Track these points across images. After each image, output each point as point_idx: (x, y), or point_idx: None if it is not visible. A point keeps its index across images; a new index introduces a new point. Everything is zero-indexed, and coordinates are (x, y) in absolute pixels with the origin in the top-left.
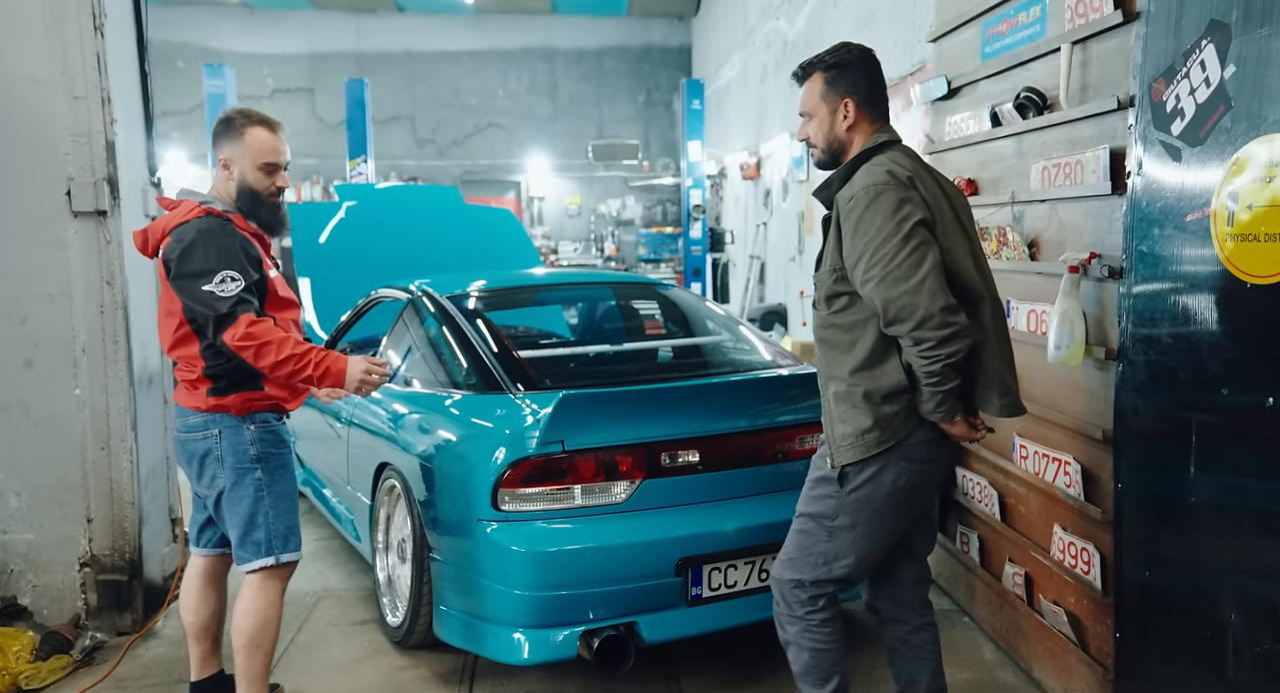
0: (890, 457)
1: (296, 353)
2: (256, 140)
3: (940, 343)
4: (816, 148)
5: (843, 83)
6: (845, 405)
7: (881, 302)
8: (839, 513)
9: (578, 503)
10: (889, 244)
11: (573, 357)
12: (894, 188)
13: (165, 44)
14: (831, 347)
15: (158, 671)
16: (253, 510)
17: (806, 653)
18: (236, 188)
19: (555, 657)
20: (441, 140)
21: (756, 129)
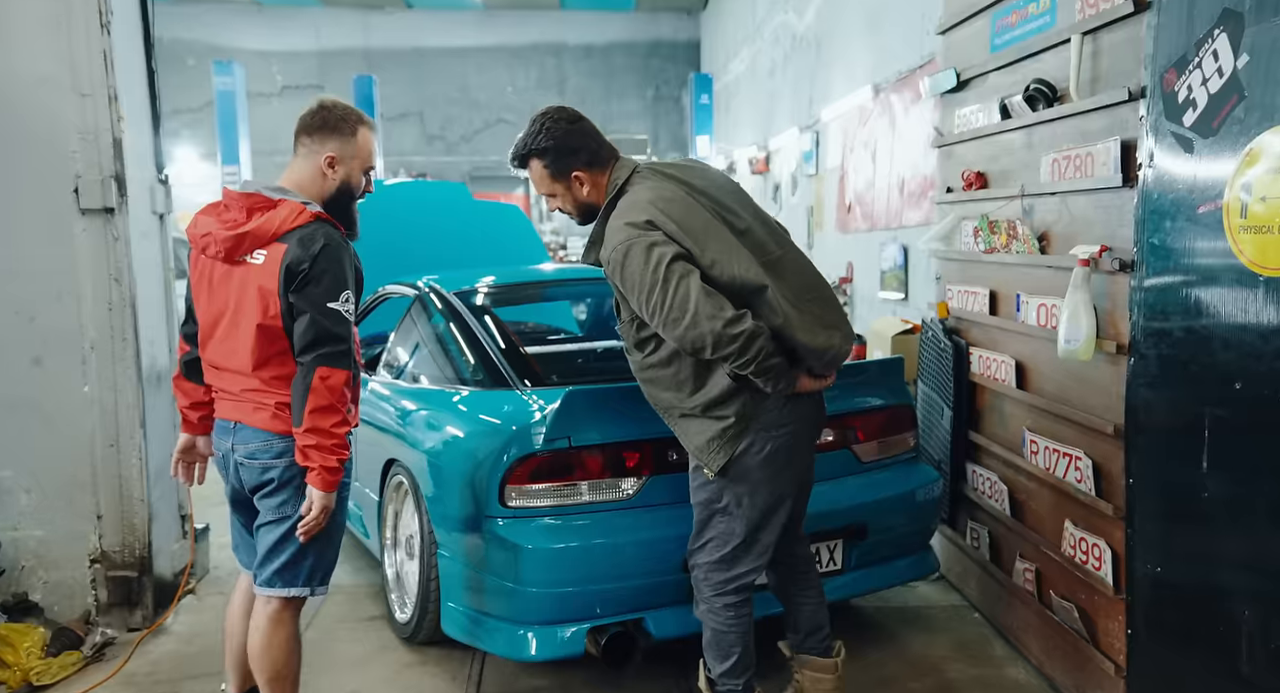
0: (749, 433)
1: (345, 441)
2: (367, 142)
3: (741, 351)
4: (572, 215)
5: (562, 163)
6: (694, 421)
7: (677, 341)
8: (723, 494)
9: (585, 499)
10: (655, 292)
11: (580, 352)
12: (636, 239)
13: (175, 42)
14: (658, 384)
15: (168, 667)
16: (310, 542)
17: (709, 630)
18: (337, 188)
19: (563, 654)
20: (450, 136)
21: (765, 123)
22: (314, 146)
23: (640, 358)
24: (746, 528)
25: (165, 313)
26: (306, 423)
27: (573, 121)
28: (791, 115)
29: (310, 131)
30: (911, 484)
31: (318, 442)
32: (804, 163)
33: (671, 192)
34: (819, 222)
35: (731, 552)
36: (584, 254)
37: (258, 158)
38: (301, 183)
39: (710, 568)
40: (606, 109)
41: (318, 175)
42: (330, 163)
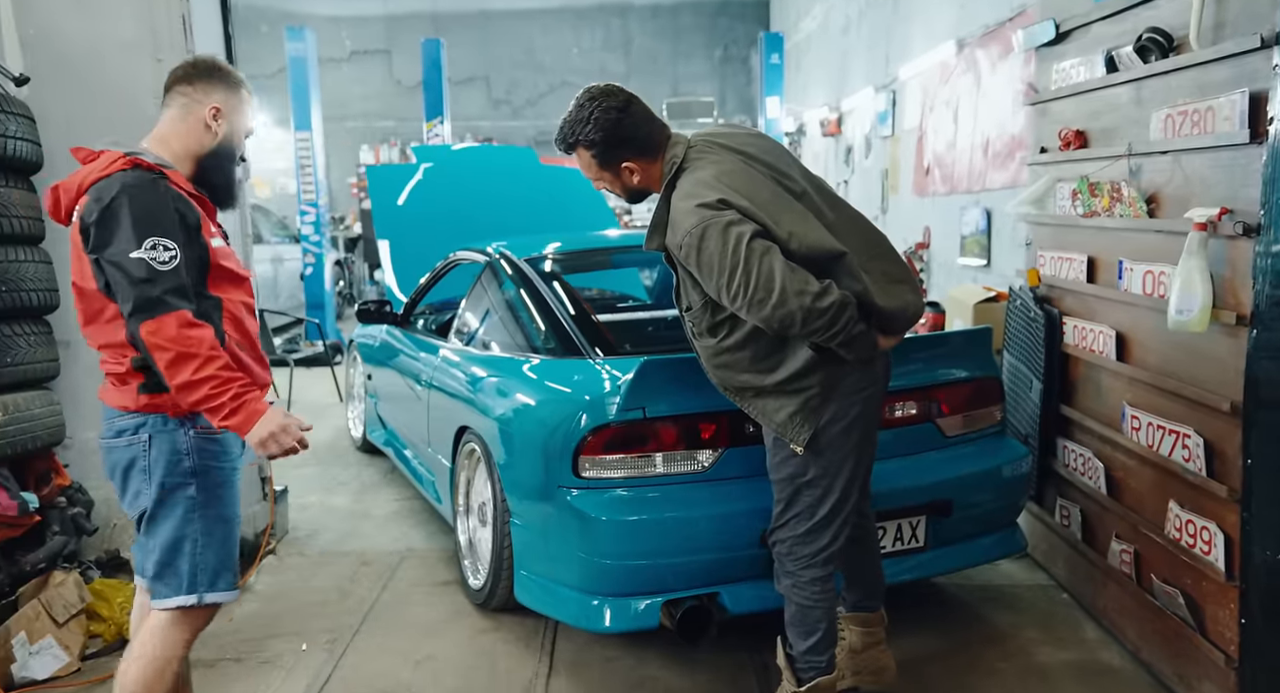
0: (831, 403)
1: (220, 375)
2: (248, 102)
3: (829, 325)
4: (619, 195)
5: (613, 152)
6: (774, 399)
7: (762, 321)
8: (809, 467)
9: (659, 471)
10: (737, 274)
11: (650, 321)
12: (711, 221)
13: (249, 9)
14: (734, 367)
15: (252, 625)
16: (178, 535)
17: (794, 606)
18: (219, 145)
19: (636, 626)
20: (516, 101)
21: (838, 83)
22: (196, 96)
23: (714, 343)
24: (833, 498)
25: None
26: (172, 386)
27: (623, 109)
28: (866, 74)
29: (190, 80)
30: (998, 460)
31: (196, 396)
32: (879, 124)
33: (732, 163)
34: (894, 185)
35: (818, 523)
36: (647, 239)
37: (329, 124)
38: (168, 137)
39: (796, 542)
40: (673, 70)
41: (197, 128)
42: (215, 114)
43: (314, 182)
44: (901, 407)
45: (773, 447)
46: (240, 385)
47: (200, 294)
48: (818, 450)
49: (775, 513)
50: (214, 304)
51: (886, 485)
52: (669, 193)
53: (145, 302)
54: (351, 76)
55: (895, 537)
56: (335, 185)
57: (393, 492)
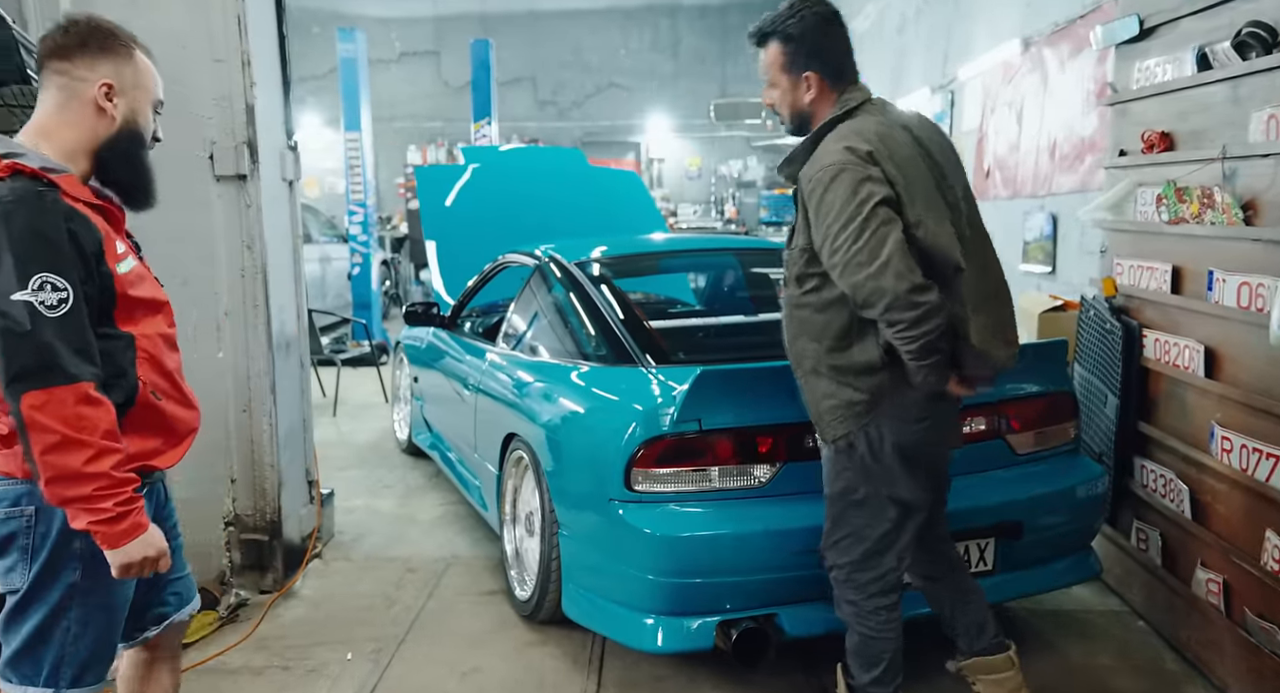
0: (883, 420)
1: (113, 476)
2: (149, 68)
3: (913, 323)
4: (782, 117)
5: (803, 57)
6: (823, 382)
7: (849, 287)
8: (857, 485)
9: (715, 486)
10: (849, 228)
11: (704, 328)
12: (852, 167)
13: (301, 10)
14: (804, 326)
15: (299, 631)
16: (48, 623)
17: (856, 635)
18: (117, 130)
19: (690, 647)
20: (562, 101)
21: (893, 82)
22: (78, 72)
23: (797, 293)
24: (883, 523)
25: (294, 280)
26: (44, 473)
27: (829, 20)
28: (923, 74)
29: (66, 53)
30: (1072, 479)
31: (75, 492)
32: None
33: (900, 136)
34: None
35: (871, 548)
36: (781, 165)
37: (378, 124)
38: (51, 130)
39: (852, 568)
40: (720, 71)
41: (86, 114)
42: (108, 92)
43: (362, 182)
44: (970, 422)
45: (829, 460)
46: (132, 490)
47: (103, 334)
48: (866, 469)
49: (825, 530)
50: (124, 344)
51: (953, 505)
52: (824, 130)
53: (30, 365)
54: (400, 77)
55: (963, 559)
56: (383, 185)
57: (438, 496)
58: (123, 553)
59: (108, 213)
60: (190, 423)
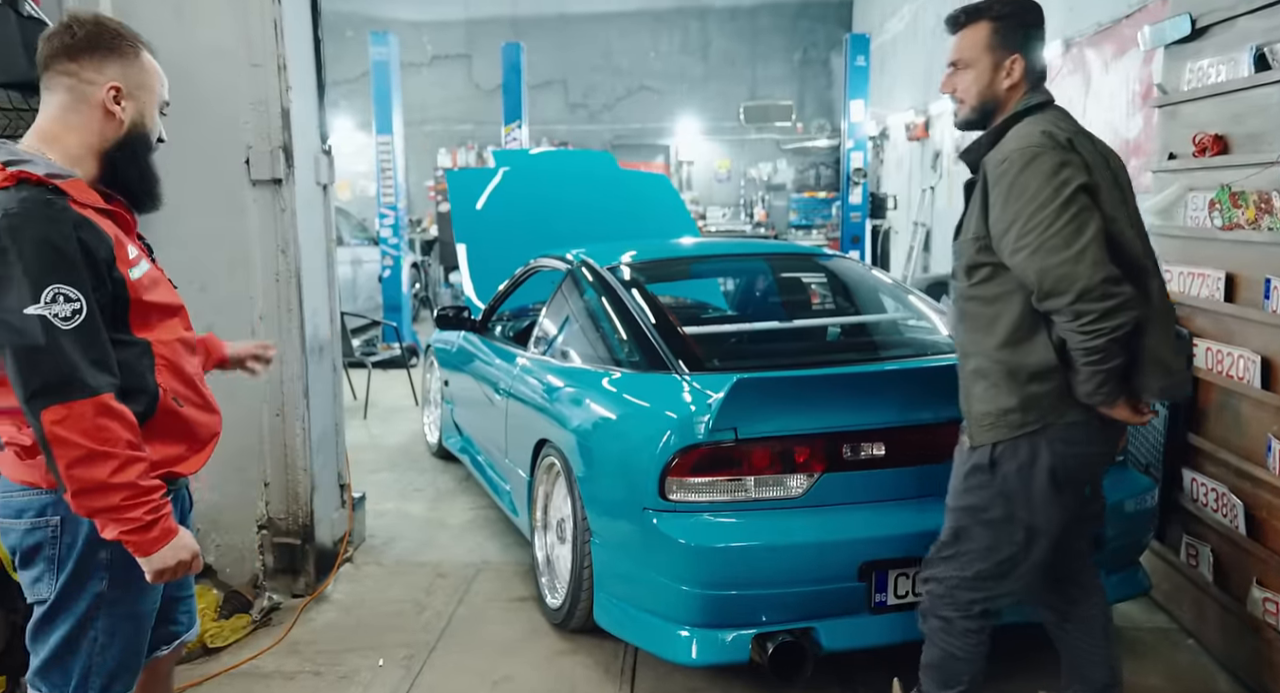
0: (1041, 440)
1: (139, 485)
2: (155, 69)
3: (1103, 316)
4: (965, 103)
5: (1015, 37)
6: (985, 383)
7: (1036, 272)
8: (992, 504)
9: (750, 496)
10: (1045, 210)
11: (737, 334)
12: (1051, 149)
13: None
14: (971, 320)
15: (330, 636)
16: (75, 633)
17: (938, 650)
18: (125, 132)
19: (725, 659)
20: (593, 104)
21: (926, 86)
22: (86, 75)
23: (966, 285)
24: (1009, 546)
25: (328, 283)
26: (71, 487)
27: (1042, 16)
28: None
29: (73, 54)
30: (1120, 493)
31: (103, 503)
32: None
33: (1087, 140)
34: None
35: (989, 570)
36: (964, 151)
37: (409, 127)
38: (59, 133)
39: (958, 584)
40: (750, 74)
41: (95, 116)
42: (116, 95)
43: (393, 185)
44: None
45: (963, 468)
46: (160, 497)
47: (119, 341)
48: (1007, 491)
49: (939, 542)
50: (140, 350)
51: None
52: (1012, 121)
53: (49, 380)
54: (432, 80)
55: None
56: (413, 188)
57: (468, 500)
58: (157, 559)
59: (118, 217)
60: (213, 428)
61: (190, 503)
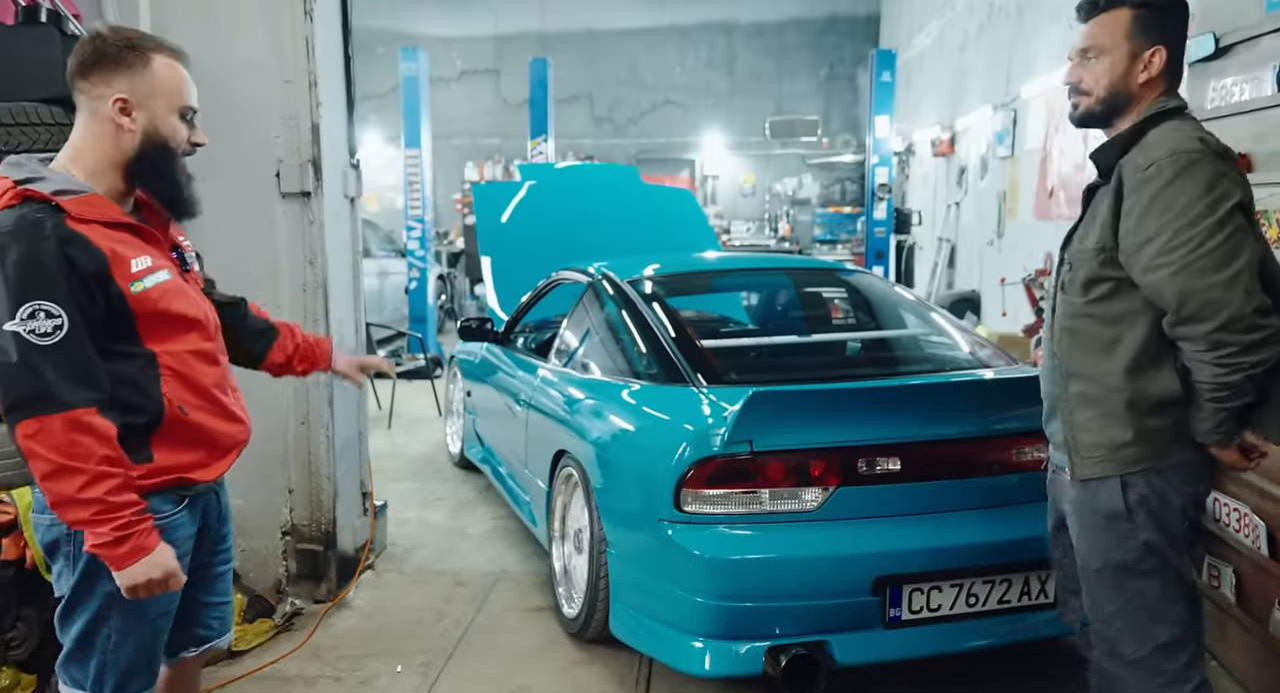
0: (1164, 478)
1: (107, 501)
2: (170, 74)
3: (1246, 349)
4: (1089, 95)
5: (1159, 28)
6: (1096, 411)
7: (1177, 294)
8: (1143, 557)
9: (765, 509)
10: (1199, 226)
11: (755, 347)
12: (1210, 158)
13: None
14: (1084, 340)
15: (350, 641)
16: (90, 628)
17: None
18: (140, 143)
19: (738, 671)
20: (618, 119)
21: (952, 102)
22: (95, 91)
23: (1081, 301)
24: (1180, 600)
25: (353, 294)
26: (48, 499)
27: (1189, 12)
28: (984, 92)
29: (85, 71)
30: None
31: (76, 516)
32: (996, 144)
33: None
34: (1012, 208)
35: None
36: (1097, 151)
37: (437, 141)
38: (82, 149)
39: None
40: (776, 89)
41: (108, 130)
42: (123, 108)
43: (421, 198)
44: (1030, 450)
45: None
46: (131, 514)
47: (120, 353)
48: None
49: (1098, 617)
50: (143, 362)
51: (1008, 536)
52: (1152, 122)
53: (24, 395)
54: (460, 95)
55: (1022, 591)
56: (440, 201)
57: (488, 510)
58: (126, 575)
59: (141, 230)
60: (235, 436)
61: (220, 514)
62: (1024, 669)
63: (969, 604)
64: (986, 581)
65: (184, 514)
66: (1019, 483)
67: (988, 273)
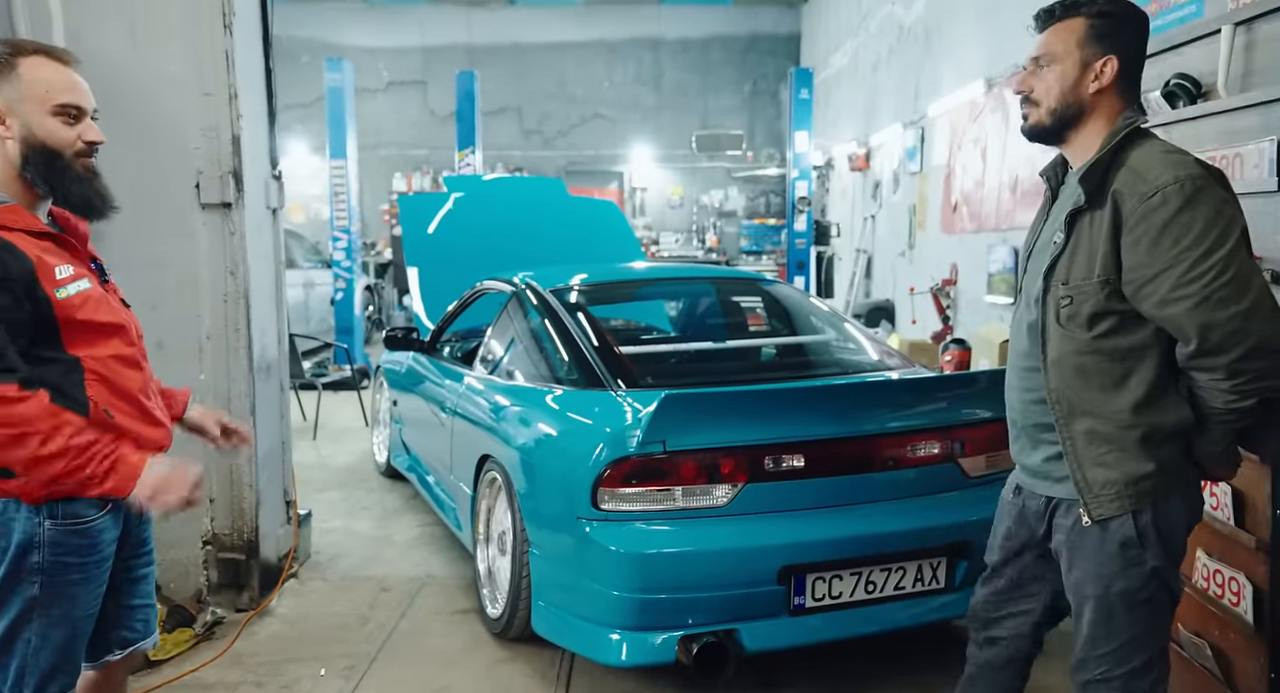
0: (1173, 499)
1: (73, 445)
2: (39, 73)
3: (1261, 375)
4: (1039, 105)
5: (1112, 38)
6: (1109, 447)
7: (1198, 326)
8: (1147, 582)
9: (678, 505)
10: (1214, 257)
11: (674, 354)
12: (1214, 185)
13: (290, 40)
14: (1092, 376)
15: (272, 648)
16: (10, 633)
17: None
18: (22, 151)
19: (653, 660)
20: (547, 131)
21: (867, 119)
22: None
23: (1087, 337)
24: (1167, 619)
25: (276, 304)
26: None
27: (1147, 25)
28: (895, 110)
29: None
30: None
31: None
32: (907, 160)
33: None
34: (921, 221)
35: (1156, 653)
36: (1084, 175)
37: (363, 152)
38: None
39: (1131, 675)
40: (702, 104)
41: None
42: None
43: (347, 208)
44: (924, 446)
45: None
46: (105, 445)
47: (45, 359)
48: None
49: (1085, 638)
50: (67, 366)
51: (905, 525)
52: (1129, 140)
53: None
54: (387, 106)
55: (916, 577)
56: (367, 212)
57: (415, 518)
58: (146, 490)
59: (59, 240)
60: (157, 440)
61: (142, 517)
62: (921, 650)
63: (868, 591)
64: (884, 568)
65: (108, 518)
66: (914, 477)
67: (900, 283)
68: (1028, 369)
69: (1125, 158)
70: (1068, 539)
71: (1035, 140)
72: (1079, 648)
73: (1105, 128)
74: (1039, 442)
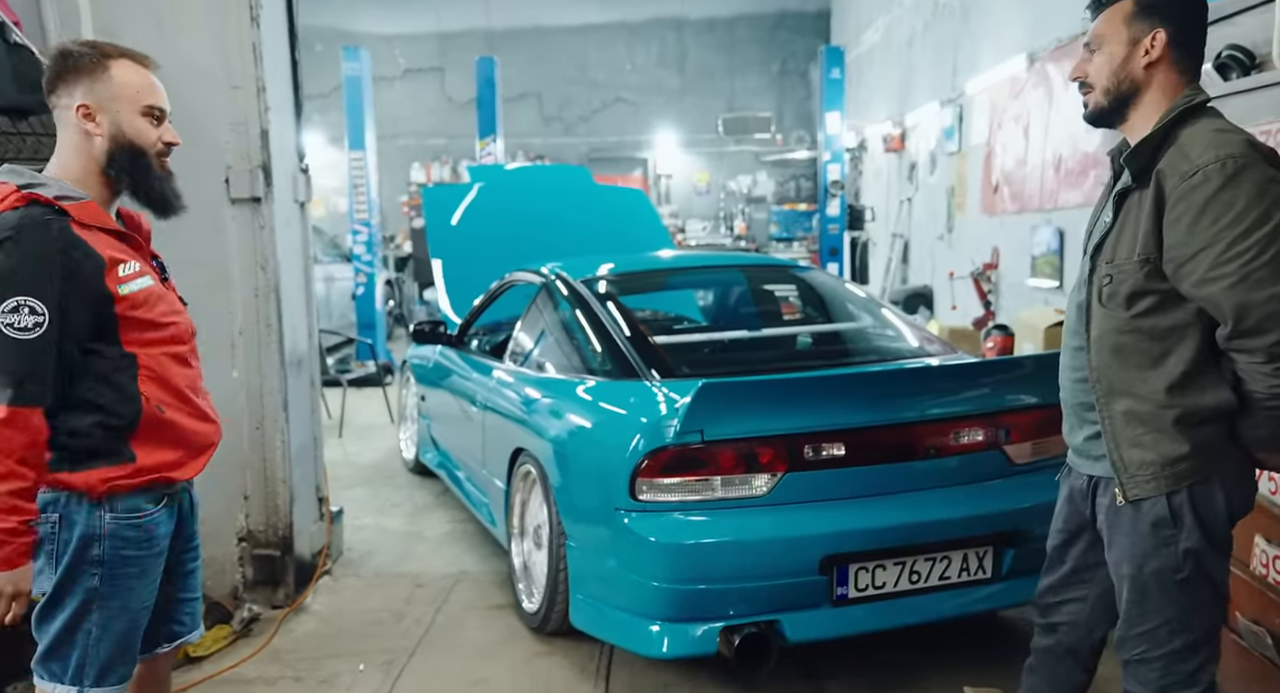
0: (1213, 481)
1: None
2: (129, 75)
3: None
4: (1094, 88)
5: (1158, 11)
6: (1146, 428)
7: (1235, 307)
8: (1183, 563)
9: (717, 495)
10: (1254, 236)
11: (708, 343)
12: (1259, 163)
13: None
14: (1130, 356)
15: (309, 645)
16: (72, 624)
17: None
18: (109, 147)
19: (694, 652)
20: (568, 117)
21: (901, 98)
22: (62, 102)
23: (1125, 316)
24: (1215, 600)
25: (305, 299)
26: None
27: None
28: (931, 89)
29: (52, 85)
30: None
31: None
32: (944, 140)
33: None
34: (960, 203)
35: (1198, 636)
36: (1129, 155)
37: (381, 142)
38: (66, 161)
39: (1171, 658)
40: (728, 86)
41: (79, 140)
42: (86, 114)
43: (367, 201)
44: (968, 433)
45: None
46: (20, 522)
47: (102, 352)
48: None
49: (1121, 622)
50: (125, 362)
51: (950, 514)
52: (1184, 118)
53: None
54: (405, 94)
55: (961, 567)
56: (386, 204)
57: (445, 514)
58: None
59: (128, 238)
60: (208, 436)
61: (192, 510)
62: (967, 641)
63: (911, 581)
64: (928, 558)
65: (164, 513)
66: (958, 465)
67: (939, 268)
68: (1076, 348)
69: (1177, 136)
70: (1106, 518)
71: (1099, 124)
72: (1119, 626)
73: (1163, 105)
74: (1083, 420)
